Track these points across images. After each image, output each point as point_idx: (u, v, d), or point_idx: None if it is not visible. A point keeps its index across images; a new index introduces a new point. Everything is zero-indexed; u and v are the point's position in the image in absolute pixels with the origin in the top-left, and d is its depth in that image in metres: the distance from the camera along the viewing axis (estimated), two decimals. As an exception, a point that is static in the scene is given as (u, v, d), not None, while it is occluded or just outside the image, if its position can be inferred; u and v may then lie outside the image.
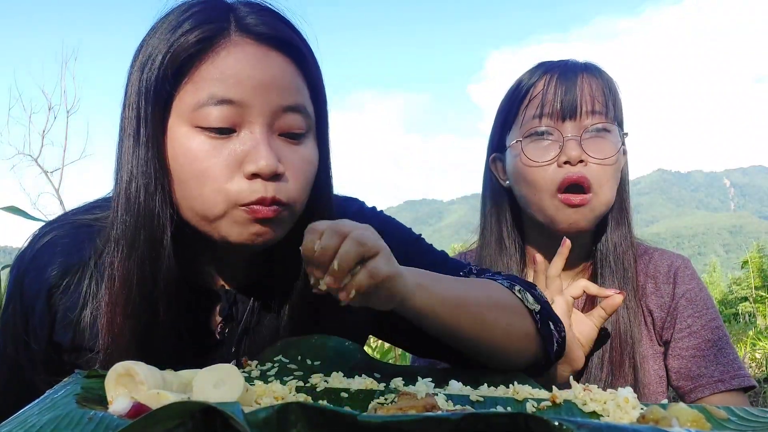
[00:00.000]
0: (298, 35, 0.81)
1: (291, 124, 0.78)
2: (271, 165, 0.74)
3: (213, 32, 0.75)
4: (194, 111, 0.74)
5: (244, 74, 0.74)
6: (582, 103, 1.09)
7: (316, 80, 0.82)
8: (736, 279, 6.26)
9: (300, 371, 0.80)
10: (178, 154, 0.76)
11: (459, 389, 0.72)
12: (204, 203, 0.76)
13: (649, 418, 0.53)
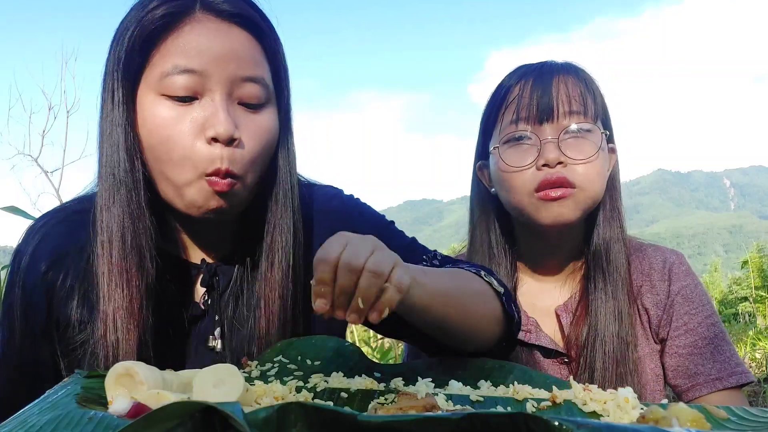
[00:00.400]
0: (259, 14, 0.87)
1: (249, 94, 0.84)
2: (228, 130, 0.80)
3: (178, 9, 0.82)
4: (160, 80, 0.81)
5: (205, 46, 0.81)
6: (558, 104, 1.08)
7: (276, 56, 0.88)
8: (736, 279, 6.26)
9: (300, 371, 0.80)
10: (147, 120, 0.83)
11: (459, 389, 0.72)
12: (173, 168, 0.82)
13: (649, 418, 0.53)
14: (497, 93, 1.15)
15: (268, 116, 0.87)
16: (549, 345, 1.12)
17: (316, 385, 0.73)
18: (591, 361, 1.08)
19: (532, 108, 1.08)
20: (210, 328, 0.91)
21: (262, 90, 0.85)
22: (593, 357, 1.08)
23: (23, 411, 0.58)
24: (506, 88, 1.13)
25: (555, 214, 1.06)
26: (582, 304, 1.13)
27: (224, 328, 0.91)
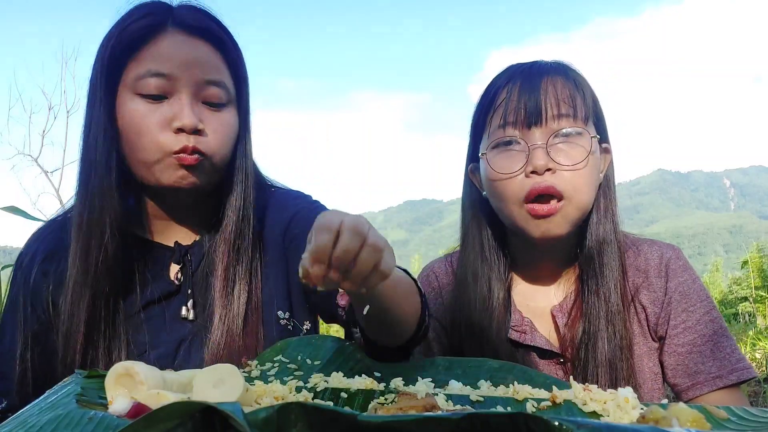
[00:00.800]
0: (223, 30, 1.03)
1: (212, 94, 0.99)
2: (193, 121, 0.95)
3: (153, 23, 0.97)
4: (135, 82, 0.96)
5: (174, 54, 0.97)
6: (547, 107, 1.05)
7: (237, 65, 1.04)
8: (736, 279, 6.26)
9: (300, 371, 0.80)
10: (124, 114, 0.98)
11: (459, 389, 0.72)
12: (143, 151, 0.96)
13: (649, 418, 0.53)
14: (485, 96, 1.13)
15: (229, 114, 1.02)
16: (544, 345, 1.11)
17: (316, 385, 0.73)
18: (585, 363, 1.07)
19: (519, 112, 1.06)
20: (183, 301, 1.04)
21: (222, 92, 1.00)
22: (587, 358, 1.07)
23: (23, 411, 0.58)
24: (494, 91, 1.11)
25: (542, 230, 1.05)
26: (577, 305, 1.12)
27: (195, 299, 1.04)
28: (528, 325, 1.14)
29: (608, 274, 1.09)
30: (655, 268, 1.11)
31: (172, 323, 1.03)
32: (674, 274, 1.10)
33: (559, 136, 1.05)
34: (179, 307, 1.04)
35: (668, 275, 1.10)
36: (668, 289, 1.10)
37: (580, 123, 1.06)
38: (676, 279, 1.10)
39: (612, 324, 1.07)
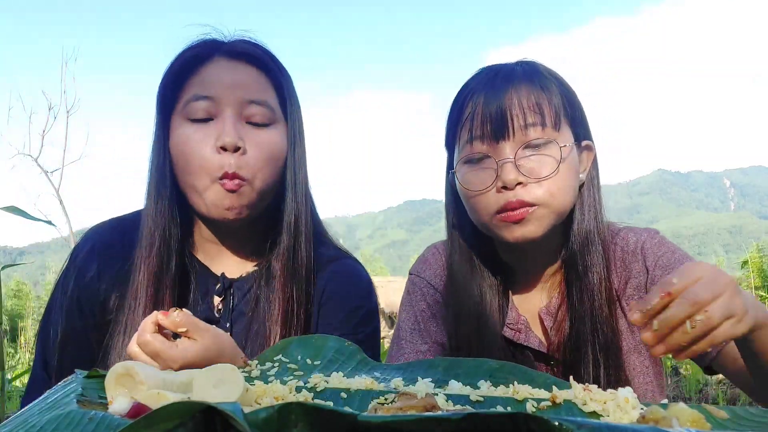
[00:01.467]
0: (267, 54, 1.07)
1: (254, 113, 1.03)
2: (233, 139, 0.99)
3: (202, 53, 1.04)
4: (185, 107, 1.02)
5: (218, 78, 1.02)
6: (513, 118, 1.03)
7: (282, 87, 1.08)
8: (736, 279, 6.26)
9: (300, 371, 0.80)
10: (174, 139, 1.03)
11: (459, 389, 0.72)
12: (192, 176, 1.01)
13: (649, 418, 0.53)
14: (454, 108, 1.12)
15: (274, 133, 1.05)
16: (537, 347, 1.11)
17: (316, 385, 0.73)
18: (573, 365, 1.06)
19: (486, 126, 1.04)
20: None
21: (266, 111, 1.04)
22: (575, 360, 1.06)
23: (23, 411, 0.58)
24: (461, 103, 1.10)
25: (518, 234, 1.04)
26: (563, 308, 1.11)
27: (232, 334, 1.05)
28: (524, 324, 1.14)
29: (592, 276, 1.07)
30: (632, 253, 1.10)
31: None
32: (651, 251, 1.08)
33: (528, 148, 1.03)
34: None
35: (645, 255, 1.08)
36: (647, 268, 1.08)
37: (549, 131, 1.04)
38: (653, 256, 1.08)
39: (598, 325, 1.05)
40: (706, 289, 0.69)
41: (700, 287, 0.69)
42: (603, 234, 1.10)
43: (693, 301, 0.67)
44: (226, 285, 1.09)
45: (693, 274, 0.70)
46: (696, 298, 0.68)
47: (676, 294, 0.68)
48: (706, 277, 0.70)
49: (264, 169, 1.03)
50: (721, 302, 0.68)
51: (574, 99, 1.10)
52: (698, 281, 0.69)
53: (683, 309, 0.68)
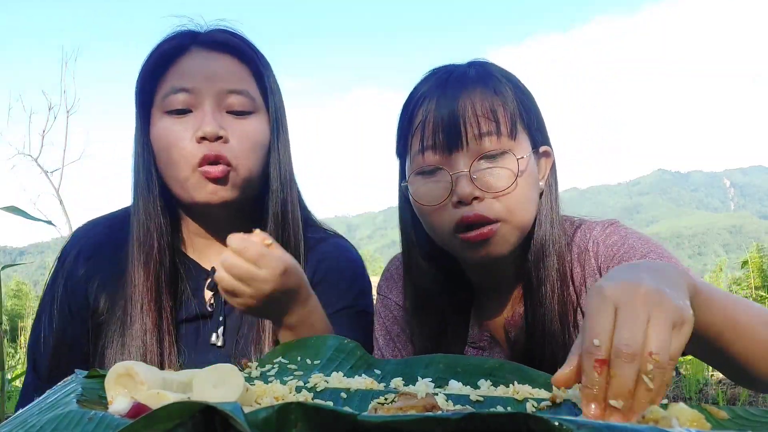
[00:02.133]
0: (245, 43, 1.05)
1: (234, 103, 1.01)
2: (213, 128, 0.97)
3: (178, 45, 1.02)
4: (163, 100, 1.01)
5: (196, 69, 1.00)
6: (467, 128, 0.96)
7: (262, 75, 1.05)
8: (736, 279, 6.24)
9: (300, 371, 0.80)
10: (155, 134, 1.02)
11: (459, 389, 0.72)
12: (174, 168, 0.99)
13: (649, 418, 0.53)
14: (404, 114, 1.04)
15: (256, 122, 1.03)
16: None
17: (316, 385, 0.73)
18: None
19: (438, 136, 0.97)
20: (214, 327, 1.05)
21: (246, 100, 1.02)
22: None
23: (23, 411, 0.58)
24: (411, 110, 1.02)
25: (483, 253, 0.98)
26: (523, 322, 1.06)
27: (227, 326, 1.05)
28: (487, 340, 1.10)
29: (544, 289, 1.02)
30: (586, 251, 1.04)
31: (203, 346, 1.04)
32: (601, 244, 1.02)
33: (483, 160, 0.97)
34: (210, 331, 1.05)
35: (596, 250, 1.03)
36: (600, 266, 1.02)
37: (505, 139, 0.98)
38: (603, 247, 1.02)
39: (551, 337, 1.00)
40: (632, 328, 0.54)
41: (625, 330, 0.54)
42: (558, 244, 1.04)
43: (631, 356, 0.53)
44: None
45: (603, 319, 0.56)
46: (630, 350, 0.53)
47: (607, 356, 0.54)
48: (621, 307, 0.56)
49: (249, 157, 1.02)
50: (658, 330, 0.55)
51: (530, 103, 1.04)
52: (618, 322, 0.55)
53: (628, 372, 0.53)
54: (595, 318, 0.56)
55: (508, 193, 0.97)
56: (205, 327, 1.06)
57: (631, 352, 0.53)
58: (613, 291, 0.57)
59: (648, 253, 0.97)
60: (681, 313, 0.57)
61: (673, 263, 0.91)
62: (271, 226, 1.05)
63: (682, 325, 0.57)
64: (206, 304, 1.07)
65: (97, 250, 1.09)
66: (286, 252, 0.87)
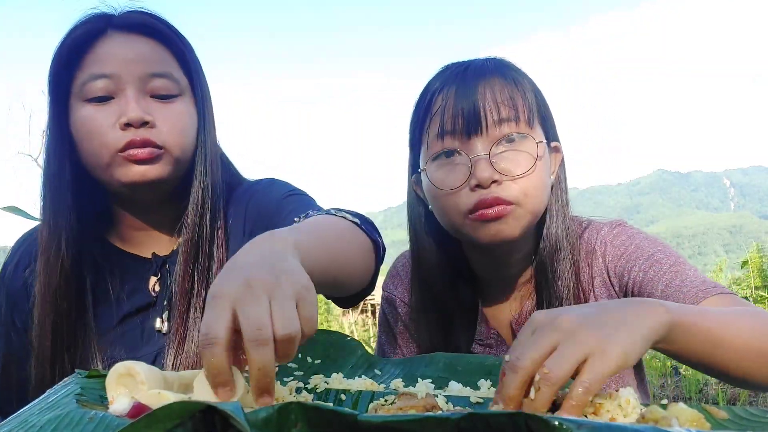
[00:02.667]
0: (164, 24, 1.00)
1: (159, 87, 0.97)
2: (138, 114, 0.93)
3: (93, 29, 0.96)
4: (81, 88, 0.95)
5: (115, 53, 0.95)
6: (486, 113, 0.97)
7: (185, 56, 1.01)
8: (736, 279, 6.24)
9: (300, 371, 0.80)
10: (75, 123, 0.96)
11: (459, 390, 0.72)
12: (94, 155, 0.95)
13: (648, 418, 0.53)
14: (421, 103, 1.05)
15: (182, 105, 0.99)
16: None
17: (317, 386, 0.73)
18: None
19: (457, 121, 0.98)
20: (159, 313, 1.02)
21: (170, 83, 0.98)
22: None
23: (23, 411, 0.58)
24: (429, 98, 1.03)
25: (493, 232, 0.97)
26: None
27: (172, 310, 1.00)
28: (494, 337, 1.10)
29: (561, 283, 1.03)
30: (593, 251, 1.05)
31: (150, 335, 1.01)
32: (609, 244, 1.04)
33: (502, 144, 0.98)
34: (155, 319, 1.01)
35: (604, 250, 1.04)
36: (608, 266, 1.03)
37: (524, 126, 0.99)
38: (611, 247, 1.03)
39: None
40: (531, 347, 0.58)
41: (518, 349, 0.59)
42: (571, 238, 1.05)
43: (514, 367, 0.58)
44: (158, 263, 1.04)
45: (523, 335, 0.61)
46: (518, 362, 0.58)
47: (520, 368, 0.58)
48: (537, 330, 0.60)
49: (180, 141, 0.98)
50: (558, 354, 0.57)
51: (543, 98, 1.05)
52: (531, 340, 0.59)
53: (510, 381, 0.58)
54: (518, 337, 0.63)
55: (527, 176, 0.98)
56: (151, 315, 1.02)
57: (517, 364, 0.58)
58: (538, 317, 0.63)
59: (655, 252, 0.98)
60: (597, 345, 0.57)
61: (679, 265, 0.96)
62: (189, 213, 0.99)
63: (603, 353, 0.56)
64: (150, 292, 1.03)
65: (35, 259, 1.02)
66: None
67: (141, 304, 1.02)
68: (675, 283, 0.94)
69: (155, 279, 1.04)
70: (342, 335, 0.87)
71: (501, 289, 1.12)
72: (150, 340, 1.01)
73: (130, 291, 1.03)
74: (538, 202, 1.00)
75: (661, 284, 0.95)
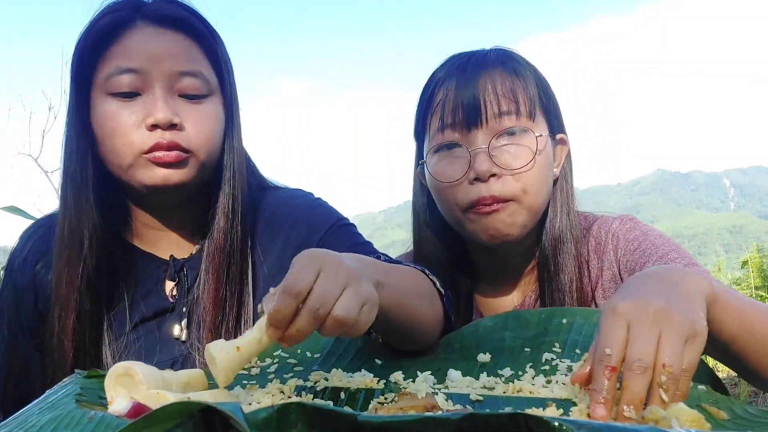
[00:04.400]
0: (197, 17, 0.95)
1: (188, 86, 0.92)
2: (166, 115, 0.88)
3: (120, 19, 0.91)
4: (106, 81, 0.90)
5: (144, 48, 0.90)
6: (487, 106, 0.97)
7: (216, 55, 0.96)
8: (736, 279, 6.23)
9: (300, 366, 0.80)
10: (97, 117, 0.91)
11: (459, 381, 0.72)
12: (117, 155, 0.90)
13: (649, 418, 0.53)
14: (424, 95, 1.05)
15: (211, 106, 0.94)
16: None
17: (317, 384, 0.73)
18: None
19: (458, 113, 0.98)
20: (177, 319, 0.97)
21: (200, 83, 0.93)
22: None
23: (23, 411, 0.58)
24: (431, 90, 1.03)
25: (491, 228, 0.98)
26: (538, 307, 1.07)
27: (190, 317, 0.97)
28: None
29: (563, 277, 1.03)
30: (604, 244, 1.05)
31: (166, 342, 0.96)
32: (621, 238, 1.03)
33: (502, 137, 0.98)
34: (173, 325, 0.97)
35: (616, 244, 1.04)
36: (618, 256, 1.03)
37: (524, 119, 0.99)
38: (623, 241, 1.03)
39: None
40: (645, 342, 0.57)
41: (637, 345, 0.57)
42: (575, 231, 1.05)
43: (643, 368, 0.56)
44: (177, 267, 0.99)
45: (616, 334, 0.58)
46: (642, 363, 0.56)
47: (619, 366, 0.57)
48: (633, 324, 0.59)
49: (207, 145, 0.93)
50: (670, 343, 0.57)
51: (548, 89, 1.04)
52: (630, 338, 0.58)
53: (640, 383, 0.56)
54: (608, 333, 0.59)
55: (526, 170, 0.97)
56: (168, 321, 0.97)
57: (643, 365, 0.56)
58: (625, 309, 0.60)
59: (669, 252, 0.98)
60: (692, 327, 0.59)
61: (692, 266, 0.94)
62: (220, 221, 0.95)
63: (694, 338, 0.59)
64: (168, 297, 0.98)
65: (45, 253, 0.98)
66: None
67: (158, 308, 0.97)
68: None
69: (172, 284, 0.99)
70: None
71: (500, 280, 1.12)
72: (165, 347, 0.96)
73: (145, 293, 0.98)
74: (537, 198, 1.00)
75: None
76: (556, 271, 1.03)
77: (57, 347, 0.92)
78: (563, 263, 1.03)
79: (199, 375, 0.70)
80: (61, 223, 0.94)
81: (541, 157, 0.99)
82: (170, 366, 0.93)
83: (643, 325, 0.58)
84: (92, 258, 0.93)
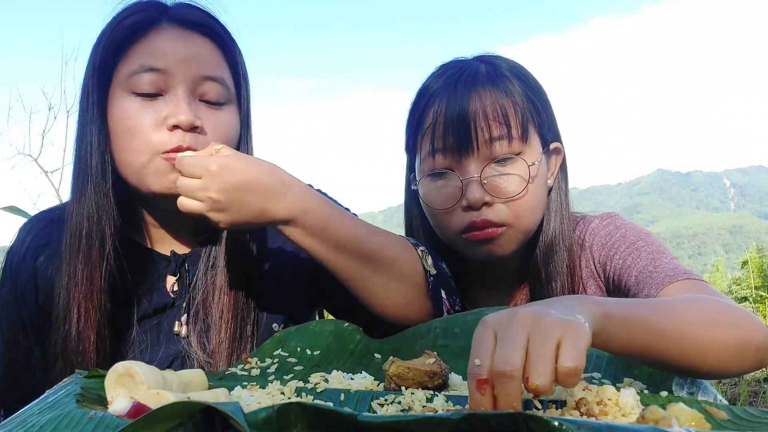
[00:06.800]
0: (219, 24, 0.96)
1: (210, 91, 0.92)
2: (189, 118, 0.88)
3: (146, 18, 0.91)
4: (128, 79, 0.90)
5: (169, 49, 0.90)
6: (478, 132, 0.96)
7: (236, 61, 0.97)
8: (736, 279, 6.24)
9: (300, 365, 0.80)
10: (116, 114, 0.91)
11: (459, 384, 0.72)
12: (132, 154, 0.89)
13: (648, 418, 0.53)
14: (415, 109, 1.05)
15: (229, 113, 0.95)
16: None
17: (317, 386, 0.73)
18: None
19: (448, 139, 0.97)
20: (178, 315, 0.97)
21: (222, 89, 0.93)
22: None
23: (23, 411, 0.58)
24: (422, 108, 1.02)
25: (485, 252, 1.00)
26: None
27: (190, 313, 0.97)
28: None
29: (555, 285, 1.03)
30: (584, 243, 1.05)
31: (166, 338, 0.96)
32: (598, 235, 1.03)
33: (494, 164, 0.98)
34: (174, 321, 0.97)
35: (592, 242, 1.03)
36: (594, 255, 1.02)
37: (516, 143, 0.98)
38: (599, 237, 1.02)
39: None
40: (510, 346, 0.54)
41: (504, 347, 0.54)
42: (568, 240, 1.04)
43: (509, 373, 0.53)
44: (178, 262, 0.99)
45: (484, 343, 0.56)
46: (508, 367, 0.53)
47: (488, 376, 0.54)
48: (499, 329, 0.56)
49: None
50: (539, 344, 0.54)
51: (541, 96, 1.03)
52: (497, 342, 0.56)
53: (509, 388, 0.53)
54: (476, 344, 0.57)
55: (519, 198, 0.98)
56: (169, 317, 0.97)
57: (508, 369, 0.53)
58: (491, 319, 0.58)
59: (636, 241, 0.97)
60: (566, 326, 0.55)
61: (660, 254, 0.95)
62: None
63: (570, 337, 0.55)
64: (169, 292, 0.98)
65: (46, 248, 0.98)
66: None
67: (158, 304, 0.97)
68: (648, 269, 0.93)
69: (173, 279, 0.99)
70: (339, 322, 0.87)
71: (494, 286, 1.13)
72: (166, 342, 0.96)
73: (147, 289, 0.98)
74: (530, 222, 1.01)
75: (636, 270, 0.94)
76: (548, 279, 1.03)
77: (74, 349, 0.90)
78: (554, 272, 1.03)
79: (199, 375, 0.71)
80: (77, 222, 0.92)
81: (534, 183, 0.99)
82: (172, 362, 0.94)
83: (509, 330, 0.55)
84: (114, 257, 0.92)
